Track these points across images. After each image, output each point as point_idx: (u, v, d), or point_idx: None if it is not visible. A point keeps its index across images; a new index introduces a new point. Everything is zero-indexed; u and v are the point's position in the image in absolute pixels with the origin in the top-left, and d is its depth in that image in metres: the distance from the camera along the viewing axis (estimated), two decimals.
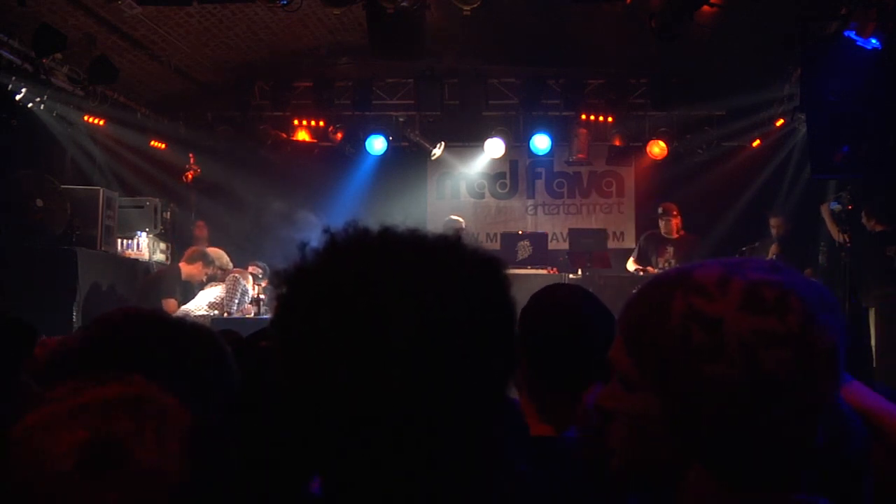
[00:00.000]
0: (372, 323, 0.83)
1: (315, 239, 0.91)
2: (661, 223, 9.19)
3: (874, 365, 7.46)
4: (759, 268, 1.04)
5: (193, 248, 8.43)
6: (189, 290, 8.15)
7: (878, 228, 7.80)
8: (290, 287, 0.89)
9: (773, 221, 9.18)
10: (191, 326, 1.51)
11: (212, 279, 8.11)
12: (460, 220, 10.04)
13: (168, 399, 0.96)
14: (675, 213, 9.15)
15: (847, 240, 7.83)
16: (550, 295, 2.13)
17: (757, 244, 9.37)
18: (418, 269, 0.86)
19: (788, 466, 1.03)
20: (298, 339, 0.87)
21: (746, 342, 0.98)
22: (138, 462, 0.89)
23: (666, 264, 8.93)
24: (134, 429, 0.90)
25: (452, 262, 0.88)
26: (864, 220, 7.92)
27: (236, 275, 7.91)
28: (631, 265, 9.25)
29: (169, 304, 7.74)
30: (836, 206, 8.10)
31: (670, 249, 9.07)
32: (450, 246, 0.90)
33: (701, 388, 0.99)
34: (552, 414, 1.96)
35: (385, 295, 0.84)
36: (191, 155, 9.59)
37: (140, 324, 1.47)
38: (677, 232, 9.14)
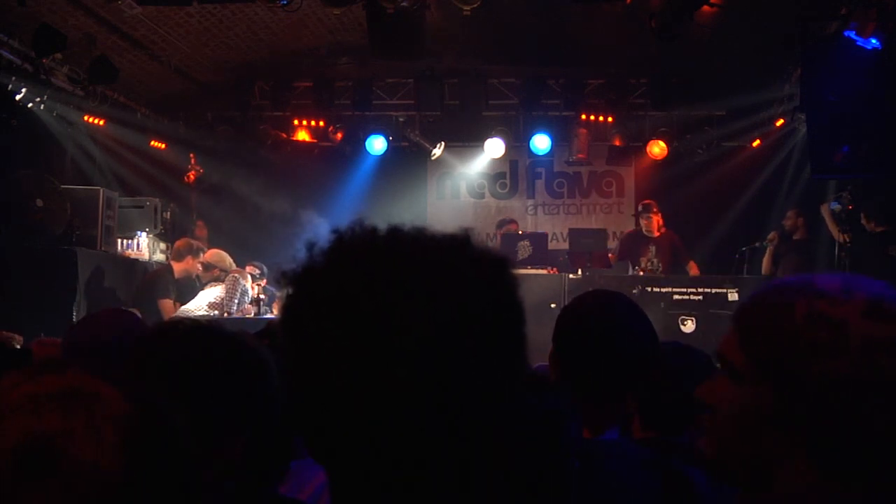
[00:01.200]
0: (379, 323, 0.83)
1: (321, 238, 0.91)
2: (643, 221, 9.15)
3: None
4: (875, 282, 1.12)
5: (178, 244, 8.29)
6: (189, 290, 8.13)
7: (879, 230, 7.80)
8: (298, 287, 0.89)
9: (799, 221, 9.16)
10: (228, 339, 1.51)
11: (215, 280, 8.08)
12: (513, 219, 10.20)
13: (101, 388, 0.92)
14: (655, 210, 9.08)
15: (847, 240, 7.83)
16: (583, 302, 2.15)
17: (757, 244, 9.37)
18: (426, 269, 0.86)
19: (888, 465, 1.08)
20: (306, 338, 0.86)
21: (869, 344, 1.04)
22: (72, 458, 0.86)
23: (648, 263, 8.95)
24: (64, 423, 0.87)
25: (460, 262, 0.88)
26: (863, 222, 7.92)
27: (235, 275, 7.88)
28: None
29: (165, 304, 7.71)
30: (836, 206, 8.10)
31: (652, 248, 9.05)
32: (458, 246, 0.90)
33: (819, 384, 1.06)
34: (589, 417, 1.97)
35: (392, 295, 0.83)
36: (192, 155, 9.58)
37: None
38: (658, 230, 9.11)
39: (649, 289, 8.52)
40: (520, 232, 9.90)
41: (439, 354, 0.83)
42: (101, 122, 9.41)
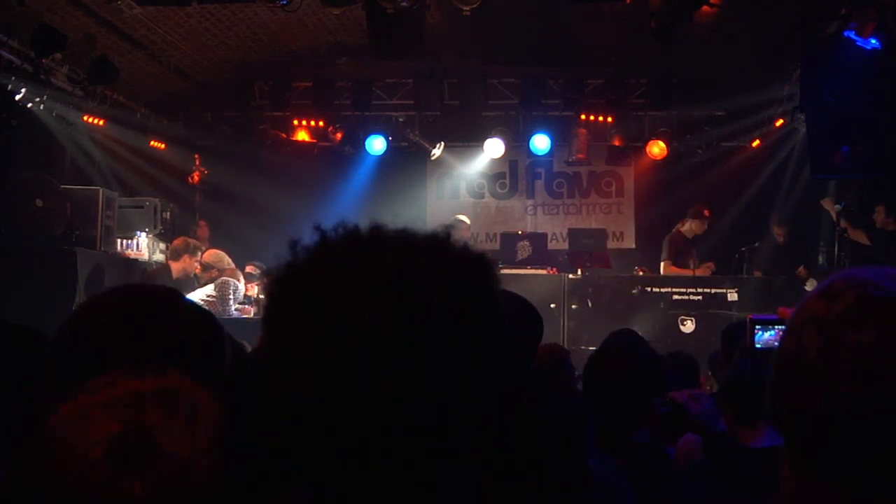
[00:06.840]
0: (362, 320, 0.84)
1: (306, 237, 0.92)
2: (703, 226, 9.40)
3: None
4: (868, 269, 1.03)
5: (175, 243, 8.27)
6: (188, 290, 8.11)
7: (894, 228, 7.78)
8: (280, 285, 0.90)
9: (777, 231, 9.18)
10: (187, 305, 1.51)
11: (213, 280, 8.06)
12: (464, 218, 10.07)
13: (201, 393, 0.97)
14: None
15: (845, 234, 7.84)
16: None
17: (757, 244, 9.37)
18: (407, 267, 0.87)
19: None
20: (287, 336, 0.87)
21: (809, 322, 0.98)
22: (168, 453, 0.90)
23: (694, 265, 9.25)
24: (165, 421, 0.92)
25: (440, 260, 0.89)
26: (876, 217, 7.88)
27: (227, 276, 7.86)
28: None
29: None
30: (838, 207, 8.11)
31: (694, 251, 9.41)
32: (438, 244, 0.91)
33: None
34: None
35: (375, 292, 0.84)
36: (196, 156, 9.57)
37: (132, 300, 1.48)
38: None
39: (649, 289, 8.53)
40: (520, 232, 9.90)
41: (421, 351, 0.84)
42: (101, 122, 9.41)
